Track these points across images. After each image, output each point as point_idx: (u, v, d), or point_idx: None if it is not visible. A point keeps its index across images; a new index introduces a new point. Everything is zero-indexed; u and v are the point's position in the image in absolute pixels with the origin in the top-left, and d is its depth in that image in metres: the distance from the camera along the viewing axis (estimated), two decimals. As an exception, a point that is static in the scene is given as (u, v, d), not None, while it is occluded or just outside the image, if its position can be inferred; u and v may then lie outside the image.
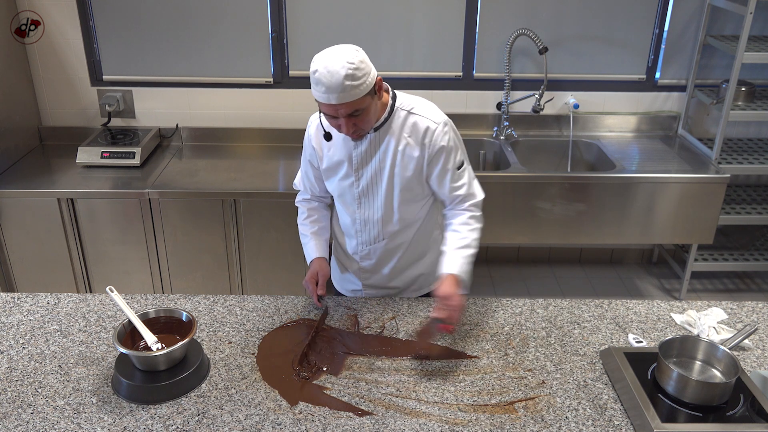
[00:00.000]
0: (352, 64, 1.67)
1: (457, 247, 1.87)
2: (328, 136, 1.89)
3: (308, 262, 2.08)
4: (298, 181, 2.15)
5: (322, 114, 1.83)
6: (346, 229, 2.09)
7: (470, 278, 1.89)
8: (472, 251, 1.89)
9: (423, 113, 1.87)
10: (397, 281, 2.12)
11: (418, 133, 1.86)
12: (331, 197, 2.10)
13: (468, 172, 1.96)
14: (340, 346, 1.83)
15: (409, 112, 1.87)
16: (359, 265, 2.11)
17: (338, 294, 2.26)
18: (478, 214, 1.96)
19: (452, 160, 1.89)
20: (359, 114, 1.74)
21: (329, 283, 2.08)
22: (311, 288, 1.98)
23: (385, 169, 1.90)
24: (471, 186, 1.96)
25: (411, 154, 1.87)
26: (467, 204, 1.95)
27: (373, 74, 1.74)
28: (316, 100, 1.76)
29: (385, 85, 1.86)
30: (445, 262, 1.85)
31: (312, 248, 2.07)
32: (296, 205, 2.16)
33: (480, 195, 1.98)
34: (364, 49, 1.77)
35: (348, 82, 1.67)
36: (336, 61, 1.67)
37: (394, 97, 1.88)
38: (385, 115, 1.85)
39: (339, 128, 1.79)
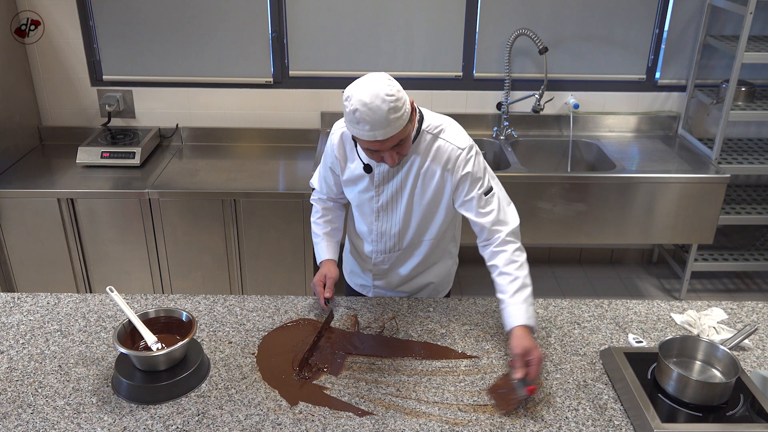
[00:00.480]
0: (392, 96, 1.62)
1: (515, 291, 1.77)
2: (368, 169, 1.86)
3: (318, 263, 2.07)
4: (314, 181, 2.13)
5: (359, 147, 1.80)
6: (362, 234, 2.07)
7: (535, 315, 1.83)
8: (529, 290, 1.79)
9: (448, 138, 1.83)
10: (407, 287, 2.13)
11: (441, 157, 1.82)
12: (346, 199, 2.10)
13: (498, 197, 1.87)
14: (340, 346, 1.82)
15: (435, 136, 1.83)
16: (373, 267, 2.11)
17: (349, 289, 2.27)
18: (518, 244, 1.87)
19: (478, 185, 1.83)
20: (403, 143, 1.71)
21: (339, 277, 2.08)
22: (319, 290, 1.97)
23: (406, 188, 1.88)
24: (502, 212, 1.86)
25: (433, 177, 1.85)
26: (503, 235, 1.84)
27: (408, 99, 1.69)
28: (354, 137, 1.71)
29: (413, 103, 1.82)
30: (510, 314, 1.74)
31: (323, 249, 2.07)
32: (311, 202, 2.15)
33: (514, 222, 1.89)
34: (364, 49, 1.77)
35: (392, 116, 1.62)
36: (376, 96, 1.61)
37: (421, 119, 1.83)
38: (413, 134, 1.80)
39: (382, 160, 1.75)
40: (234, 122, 3.55)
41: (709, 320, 1.91)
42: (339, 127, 1.92)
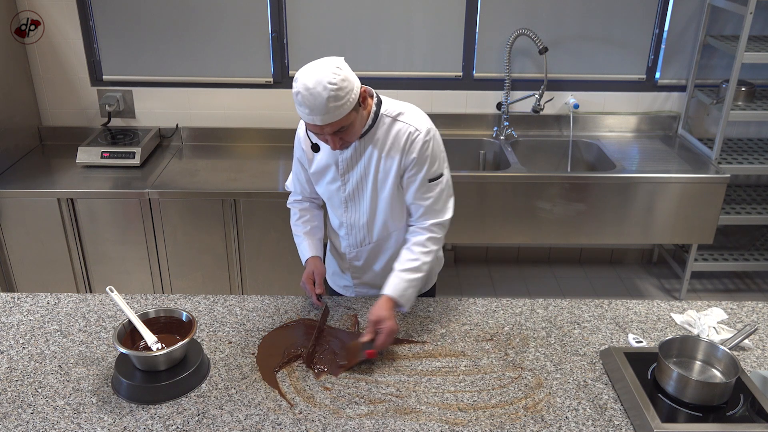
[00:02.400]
0: (334, 84, 1.64)
1: (405, 268, 1.86)
2: (315, 148, 1.87)
3: (303, 262, 2.07)
4: (290, 183, 2.15)
5: (307, 128, 1.82)
6: (336, 229, 2.10)
7: (412, 301, 1.89)
8: (418, 275, 1.86)
9: (408, 120, 1.85)
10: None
11: (400, 139, 1.84)
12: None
13: (442, 188, 1.91)
14: (339, 346, 1.82)
15: (394, 119, 1.85)
16: (350, 264, 2.12)
17: (332, 291, 2.27)
18: (439, 236, 1.93)
19: (425, 170, 1.85)
20: (345, 129, 1.74)
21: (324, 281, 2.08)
22: (309, 288, 1.98)
23: (369, 175, 1.90)
24: (439, 202, 1.91)
25: (393, 161, 1.86)
26: (430, 222, 1.91)
27: (357, 89, 1.71)
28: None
29: (370, 90, 1.85)
30: (388, 282, 1.84)
31: (306, 248, 2.07)
32: (288, 206, 2.17)
33: (447, 215, 1.94)
34: (364, 49, 1.77)
35: (332, 104, 1.65)
36: (318, 82, 1.63)
37: (379, 104, 1.85)
38: (369, 122, 1.83)
39: (326, 142, 1.79)
40: (234, 122, 3.55)
41: (709, 320, 1.91)
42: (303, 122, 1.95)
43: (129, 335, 1.71)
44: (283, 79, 3.46)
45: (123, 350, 1.62)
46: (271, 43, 3.38)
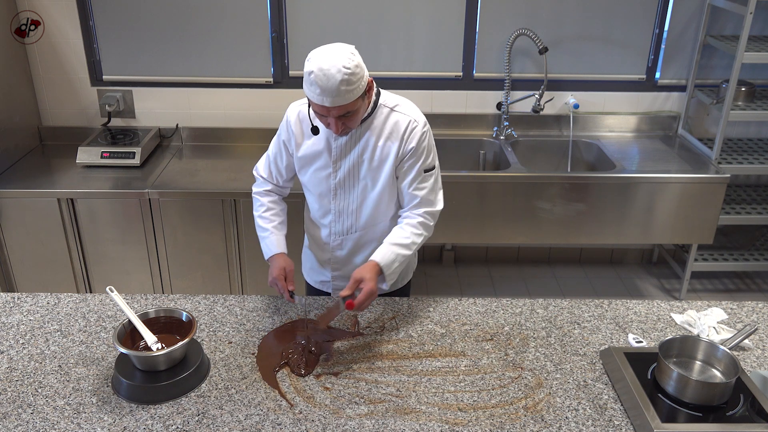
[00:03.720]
0: (348, 69, 1.69)
1: (394, 242, 1.91)
2: (315, 130, 1.90)
3: (267, 257, 2.04)
4: (261, 168, 2.12)
5: (311, 109, 1.84)
6: (318, 219, 2.10)
7: (394, 279, 1.93)
8: (406, 252, 1.92)
9: (405, 111, 1.91)
10: None
11: (399, 129, 1.89)
12: (290, 190, 2.12)
13: (435, 179, 1.97)
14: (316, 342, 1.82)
15: (392, 110, 1.91)
16: (332, 255, 2.12)
17: (309, 287, 2.27)
18: (431, 223, 1.98)
19: (422, 160, 1.92)
20: (350, 115, 1.78)
21: (300, 276, 2.08)
22: (281, 285, 1.94)
23: (363, 163, 1.93)
24: (432, 193, 1.97)
25: (389, 150, 1.90)
26: (422, 210, 1.96)
27: (366, 77, 1.77)
28: (307, 97, 1.78)
29: (373, 81, 1.88)
30: (378, 250, 1.89)
31: (273, 243, 2.03)
32: (254, 195, 2.12)
33: (439, 205, 1.99)
34: (364, 49, 1.79)
35: (343, 87, 1.69)
36: (333, 65, 1.69)
37: (378, 94, 1.91)
38: (369, 110, 1.88)
39: (327, 125, 1.82)
40: (234, 122, 3.55)
41: (709, 320, 1.91)
42: (297, 105, 1.97)
43: (129, 335, 1.71)
44: (283, 79, 3.46)
45: (123, 350, 1.62)
46: (271, 43, 3.38)
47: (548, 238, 3.29)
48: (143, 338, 1.69)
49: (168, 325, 1.76)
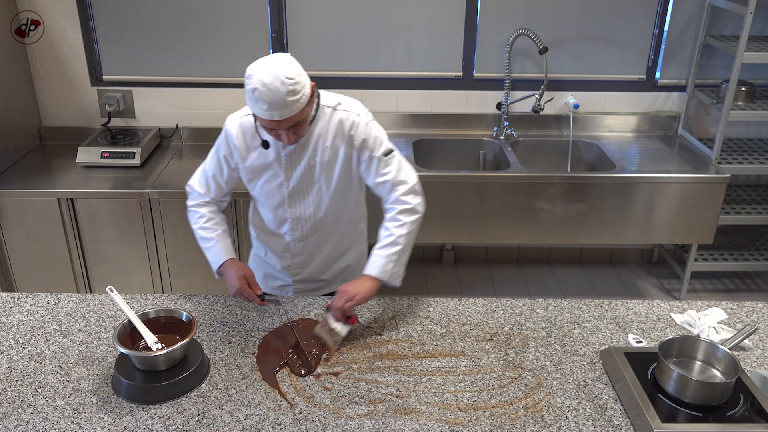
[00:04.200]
0: (292, 79, 1.68)
1: (381, 246, 1.91)
2: (266, 144, 1.89)
3: (217, 266, 1.98)
4: (196, 183, 2.06)
5: (258, 124, 1.83)
6: (274, 229, 2.07)
7: (401, 275, 1.94)
8: (396, 248, 1.89)
9: (347, 108, 1.91)
10: (327, 274, 2.16)
11: (344, 127, 1.90)
12: (229, 201, 2.10)
13: (397, 158, 1.96)
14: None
15: (334, 109, 1.91)
16: (292, 261, 2.11)
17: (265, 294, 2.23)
18: (412, 204, 1.93)
19: (377, 146, 1.92)
20: (300, 124, 1.77)
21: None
22: (248, 292, 1.90)
23: (315, 166, 1.93)
24: (400, 173, 1.94)
25: (339, 149, 1.91)
26: (398, 194, 1.93)
27: (309, 83, 1.76)
28: (253, 114, 1.76)
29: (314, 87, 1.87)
30: (369, 262, 1.90)
31: (221, 250, 1.99)
32: (191, 208, 2.06)
33: (411, 180, 1.95)
34: (364, 49, 1.79)
35: (290, 98, 1.68)
36: (275, 77, 1.67)
37: (318, 96, 1.90)
38: (312, 114, 1.87)
39: (278, 138, 1.80)
40: (234, 122, 3.54)
41: (709, 320, 1.91)
42: (237, 117, 1.94)
43: (129, 335, 1.71)
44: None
45: (123, 350, 1.62)
46: (271, 43, 3.38)
47: (548, 238, 3.29)
48: (143, 338, 1.69)
49: (168, 325, 1.76)
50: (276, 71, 1.68)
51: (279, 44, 3.38)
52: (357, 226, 2.15)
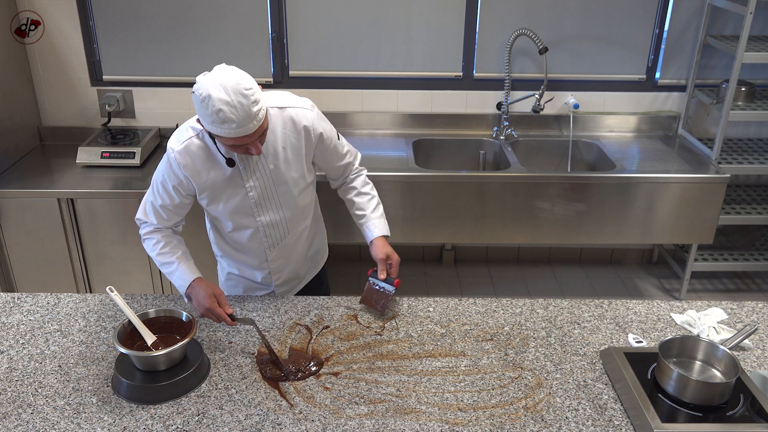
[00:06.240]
0: (250, 89, 1.64)
1: (373, 209, 2.09)
2: (231, 162, 1.84)
3: (184, 289, 1.89)
4: (144, 216, 1.97)
5: (220, 144, 1.78)
6: (244, 242, 2.03)
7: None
8: (381, 206, 2.12)
9: (293, 104, 1.91)
10: (302, 268, 2.20)
11: (297, 124, 1.90)
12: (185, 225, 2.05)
13: (340, 137, 2.07)
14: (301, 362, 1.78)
15: (281, 109, 1.89)
16: (270, 268, 2.10)
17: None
18: (365, 171, 2.17)
19: (330, 133, 2.00)
20: (265, 130, 1.76)
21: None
22: (218, 311, 1.80)
23: (277, 169, 1.91)
24: (351, 151, 2.12)
25: (294, 145, 1.92)
26: (357, 163, 2.14)
27: (258, 86, 1.72)
28: (217, 136, 1.70)
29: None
30: (372, 227, 2.06)
31: (185, 271, 1.90)
32: (144, 237, 1.97)
33: (359, 154, 2.15)
34: (364, 49, 1.79)
35: (255, 108, 1.66)
36: (236, 92, 1.61)
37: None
38: None
39: (246, 151, 1.75)
40: (234, 122, 3.54)
41: (709, 320, 1.91)
42: (179, 144, 1.83)
43: (129, 335, 1.71)
44: (283, 79, 3.46)
45: (123, 350, 1.62)
46: (271, 43, 3.38)
47: (548, 238, 3.29)
48: (143, 338, 1.69)
49: (168, 325, 1.76)
50: (233, 85, 1.61)
51: (279, 44, 3.38)
52: (316, 211, 2.21)
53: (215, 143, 1.83)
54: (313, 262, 2.26)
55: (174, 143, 1.85)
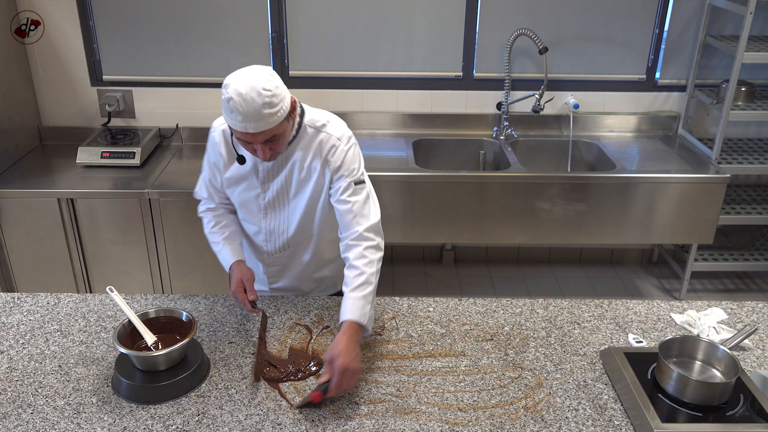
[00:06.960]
0: (269, 91, 1.63)
1: (354, 287, 1.73)
2: (241, 160, 1.85)
3: (227, 269, 1.98)
4: (199, 190, 2.07)
5: (234, 137, 1.78)
6: (251, 235, 2.06)
7: (373, 315, 1.78)
8: (371, 288, 1.75)
9: (330, 131, 1.85)
10: (304, 285, 2.12)
11: (322, 149, 1.84)
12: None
13: (366, 192, 1.87)
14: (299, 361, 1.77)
15: (318, 130, 1.85)
16: (266, 270, 2.10)
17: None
18: (375, 242, 1.82)
19: (350, 172, 1.85)
20: (276, 139, 1.72)
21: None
22: (241, 297, 1.87)
23: (292, 184, 1.90)
24: (366, 206, 1.85)
25: (316, 170, 1.86)
26: (362, 229, 1.81)
27: (288, 97, 1.71)
28: (229, 126, 1.71)
29: (296, 101, 1.81)
30: (345, 307, 1.72)
31: (228, 253, 1.98)
32: (200, 214, 2.07)
33: (374, 218, 1.85)
34: (364, 49, 1.77)
35: (266, 110, 1.63)
36: (252, 88, 1.61)
37: (302, 114, 1.85)
38: (293, 132, 1.82)
39: (254, 152, 1.76)
40: (234, 122, 3.54)
41: (709, 320, 1.91)
42: (221, 124, 1.92)
43: (129, 335, 1.71)
44: (283, 79, 3.45)
45: (123, 350, 1.62)
46: (271, 43, 3.38)
47: (548, 238, 3.29)
48: (143, 338, 1.69)
49: (168, 325, 1.76)
50: (253, 82, 1.62)
51: (279, 44, 3.38)
52: (336, 242, 1.93)
53: (232, 136, 1.83)
54: (322, 285, 2.14)
55: (217, 122, 1.94)
